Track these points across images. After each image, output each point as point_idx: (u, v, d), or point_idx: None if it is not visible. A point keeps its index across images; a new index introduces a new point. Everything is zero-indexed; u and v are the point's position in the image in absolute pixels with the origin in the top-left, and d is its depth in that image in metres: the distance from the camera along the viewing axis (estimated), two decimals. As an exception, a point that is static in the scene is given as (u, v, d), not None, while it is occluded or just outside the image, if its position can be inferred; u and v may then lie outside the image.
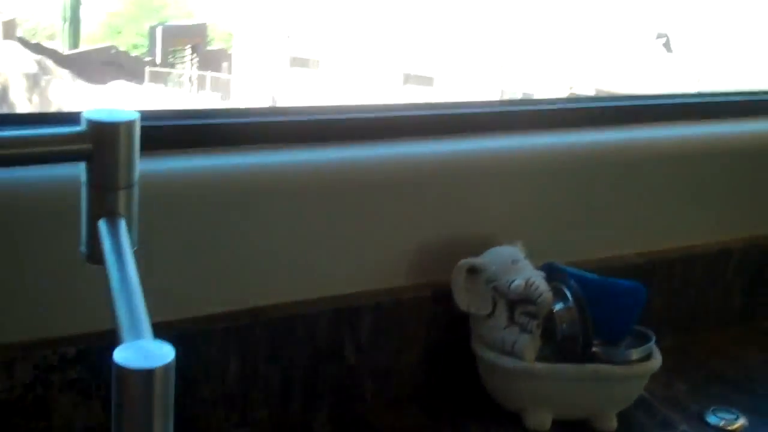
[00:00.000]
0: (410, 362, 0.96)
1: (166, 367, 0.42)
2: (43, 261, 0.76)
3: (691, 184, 1.14)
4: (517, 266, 0.93)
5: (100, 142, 0.55)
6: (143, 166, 0.79)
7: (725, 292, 1.19)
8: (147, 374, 0.41)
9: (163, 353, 0.42)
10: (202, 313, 0.84)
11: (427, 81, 12.00)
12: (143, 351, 0.42)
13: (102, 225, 0.55)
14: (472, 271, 0.94)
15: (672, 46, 10.82)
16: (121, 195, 0.56)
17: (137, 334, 0.45)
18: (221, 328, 0.84)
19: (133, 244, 0.57)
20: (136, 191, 0.58)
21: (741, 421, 0.97)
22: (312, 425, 0.90)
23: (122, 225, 0.55)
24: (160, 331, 0.80)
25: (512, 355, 0.91)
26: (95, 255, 0.56)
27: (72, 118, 0.80)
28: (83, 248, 0.58)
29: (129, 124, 0.56)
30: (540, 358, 0.93)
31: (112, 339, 0.78)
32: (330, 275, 0.91)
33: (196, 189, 0.83)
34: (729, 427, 0.96)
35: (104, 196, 0.56)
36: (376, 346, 0.93)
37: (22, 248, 0.75)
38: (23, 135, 0.55)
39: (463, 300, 0.93)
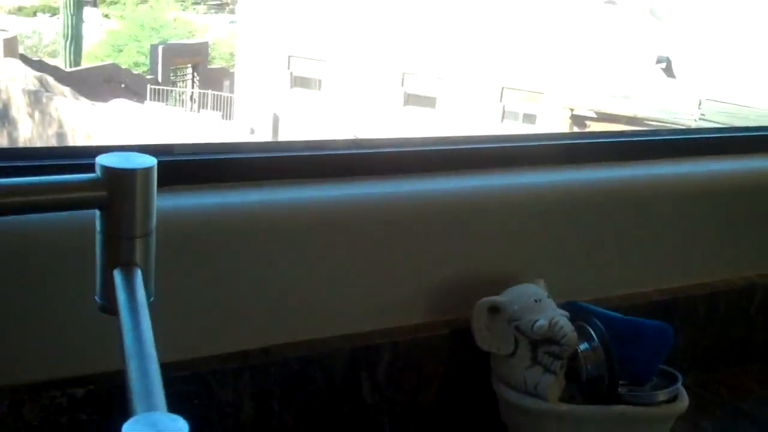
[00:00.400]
0: (429, 401, 0.93)
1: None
2: (54, 300, 0.73)
3: (714, 220, 1.11)
4: (540, 305, 0.90)
5: (116, 190, 0.52)
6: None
7: (748, 329, 1.16)
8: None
9: (177, 429, 0.38)
10: (215, 353, 0.81)
11: (429, 102, 12.01)
12: (156, 427, 0.38)
13: (117, 275, 0.53)
14: (494, 309, 0.91)
15: (674, 71, 10.83)
16: (138, 244, 0.54)
17: (150, 406, 0.41)
18: (234, 367, 0.81)
19: (149, 294, 0.54)
20: (153, 239, 0.55)
21: (770, 466, 0.94)
22: (327, 468, 0.87)
23: (138, 276, 0.53)
24: (173, 369, 0.77)
25: (535, 395, 0.88)
26: (110, 305, 0.53)
27: (83, 152, 0.78)
28: (98, 298, 0.55)
29: (146, 171, 0.53)
30: (564, 398, 0.90)
31: (122, 379, 0.75)
32: (347, 313, 0.88)
33: (209, 226, 0.80)
34: (757, 473, 0.93)
35: (119, 245, 0.53)
36: (393, 385, 0.90)
37: (30, 287, 0.72)
38: (35, 182, 0.53)
39: (484, 339, 0.90)
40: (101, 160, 0.52)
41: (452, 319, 0.93)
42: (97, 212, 0.53)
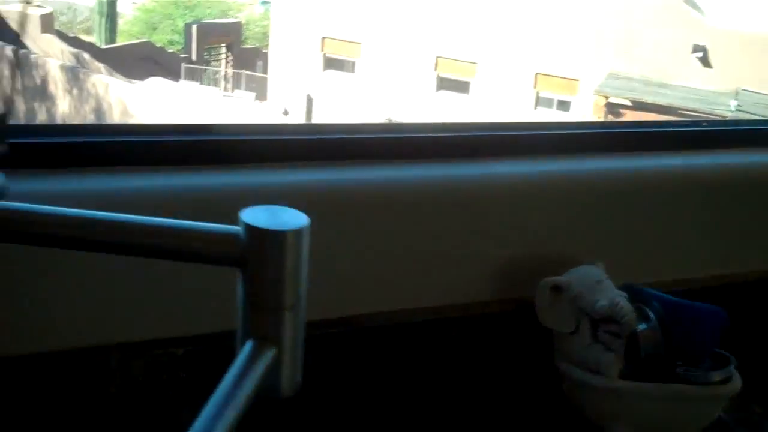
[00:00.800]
0: (495, 374, 0.98)
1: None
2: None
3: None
4: (601, 286, 0.95)
5: (258, 252, 0.46)
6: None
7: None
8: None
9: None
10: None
11: (462, 87, 12.00)
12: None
13: (247, 347, 0.47)
14: (556, 288, 0.96)
15: (710, 61, 10.74)
16: (277, 317, 0.48)
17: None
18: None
19: (292, 382, 0.49)
20: (300, 314, 0.49)
21: (816, 447, 0.99)
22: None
23: (267, 356, 0.47)
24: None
25: (597, 372, 0.93)
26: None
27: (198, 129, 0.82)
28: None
29: (296, 233, 0.46)
30: (621, 376, 0.95)
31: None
32: (424, 288, 0.93)
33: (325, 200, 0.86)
34: (805, 452, 0.97)
35: (257, 314, 0.48)
36: (463, 357, 0.95)
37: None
38: (177, 227, 0.48)
39: (546, 317, 0.96)
40: (244, 216, 0.47)
41: (518, 298, 0.99)
42: (239, 272, 0.48)
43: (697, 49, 10.73)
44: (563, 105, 11.55)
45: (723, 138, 1.14)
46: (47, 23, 13.12)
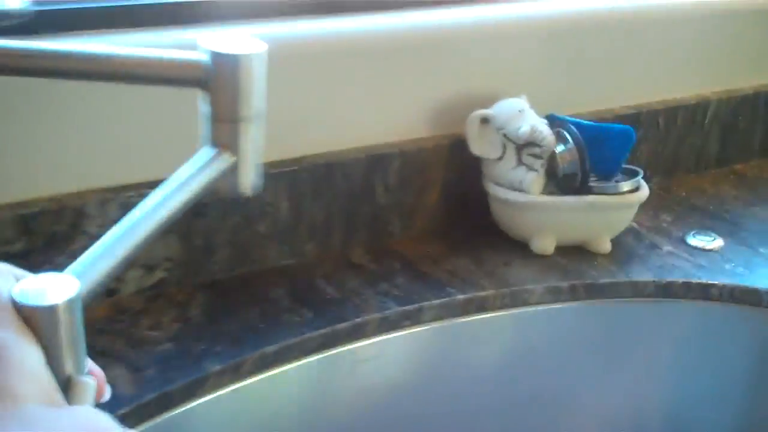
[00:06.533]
0: (432, 201, 1.10)
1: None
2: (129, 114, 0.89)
3: (675, 44, 1.27)
4: (523, 115, 1.07)
5: (218, 72, 0.55)
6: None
7: (703, 140, 1.33)
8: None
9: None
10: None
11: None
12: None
13: (206, 152, 0.57)
14: (484, 120, 1.07)
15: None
16: (233, 128, 0.57)
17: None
18: (273, 173, 0.98)
19: (251, 184, 0.59)
20: (258, 128, 0.59)
21: (718, 242, 1.13)
22: (351, 256, 1.05)
23: (225, 160, 0.57)
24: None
25: (520, 190, 1.06)
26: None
27: None
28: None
29: (253, 56, 0.57)
30: (545, 193, 1.07)
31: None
32: (362, 128, 1.04)
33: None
34: (707, 246, 1.12)
35: (216, 126, 0.57)
36: (402, 188, 1.07)
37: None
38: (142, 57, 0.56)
39: (477, 146, 1.08)
40: (205, 43, 0.56)
41: (451, 133, 1.10)
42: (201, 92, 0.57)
43: None
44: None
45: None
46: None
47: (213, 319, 0.92)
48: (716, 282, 1.04)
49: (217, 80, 0.56)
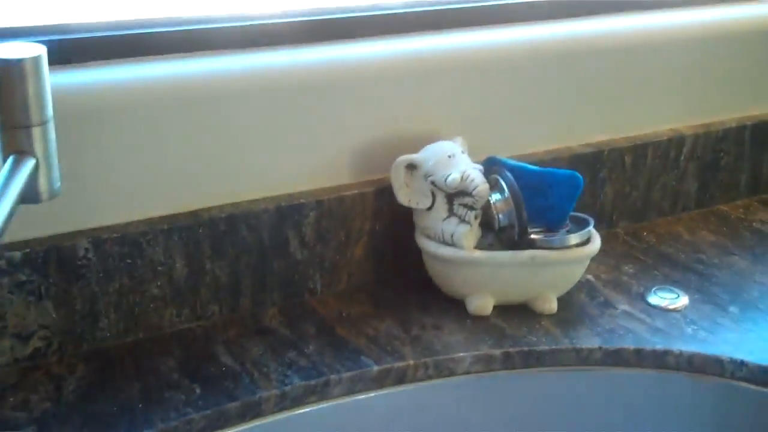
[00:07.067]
0: (356, 256, 1.00)
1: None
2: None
3: (643, 74, 1.15)
4: (453, 160, 0.96)
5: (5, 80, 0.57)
6: (77, 77, 0.83)
7: (679, 179, 1.21)
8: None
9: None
10: (145, 217, 0.88)
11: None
12: None
13: (9, 160, 0.58)
14: (411, 166, 0.96)
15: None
16: (32, 133, 0.59)
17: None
18: (164, 229, 0.88)
19: (53, 182, 0.61)
20: (49, 128, 0.60)
21: (682, 301, 1.00)
22: (262, 318, 0.95)
23: (28, 166, 0.58)
24: (102, 233, 0.85)
25: (452, 245, 0.95)
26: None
27: None
28: None
29: (35, 60, 0.58)
30: (483, 247, 0.96)
31: (54, 243, 0.82)
32: (272, 176, 0.94)
33: (134, 96, 0.86)
34: (670, 306, 0.99)
35: (11, 133, 0.59)
36: (321, 241, 0.97)
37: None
38: None
39: (403, 195, 0.97)
40: None
41: (378, 179, 0.99)
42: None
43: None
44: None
45: (579, 6, 1.12)
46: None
47: (88, 397, 0.82)
48: (673, 349, 0.91)
49: (4, 88, 0.58)
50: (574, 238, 0.97)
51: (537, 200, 0.97)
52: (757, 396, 0.89)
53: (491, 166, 0.98)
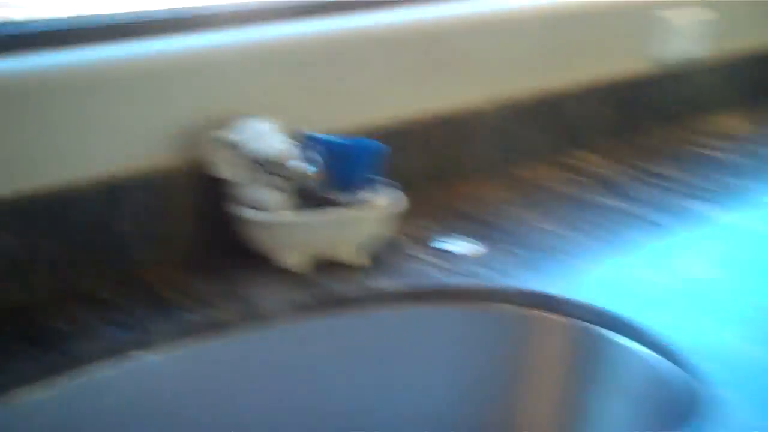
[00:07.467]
0: (183, 229, 1.09)
1: None
2: None
3: (440, 56, 1.30)
4: (269, 135, 1.07)
5: None
6: None
7: (477, 147, 1.36)
8: None
9: None
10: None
11: None
12: None
13: None
14: (226, 142, 1.07)
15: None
16: None
17: None
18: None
19: None
20: None
21: (478, 248, 1.15)
22: (94, 291, 1.03)
23: None
24: None
25: (268, 210, 1.06)
26: None
27: None
28: None
29: None
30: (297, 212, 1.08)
31: None
32: (98, 159, 1.03)
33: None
34: (468, 253, 1.13)
35: None
36: (150, 218, 1.06)
37: None
38: None
39: (218, 169, 1.07)
40: None
41: (198, 157, 1.09)
42: None
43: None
44: None
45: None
46: None
47: None
48: (468, 285, 1.06)
49: None
50: (379, 199, 1.10)
51: (342, 167, 1.09)
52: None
53: (304, 140, 1.10)
